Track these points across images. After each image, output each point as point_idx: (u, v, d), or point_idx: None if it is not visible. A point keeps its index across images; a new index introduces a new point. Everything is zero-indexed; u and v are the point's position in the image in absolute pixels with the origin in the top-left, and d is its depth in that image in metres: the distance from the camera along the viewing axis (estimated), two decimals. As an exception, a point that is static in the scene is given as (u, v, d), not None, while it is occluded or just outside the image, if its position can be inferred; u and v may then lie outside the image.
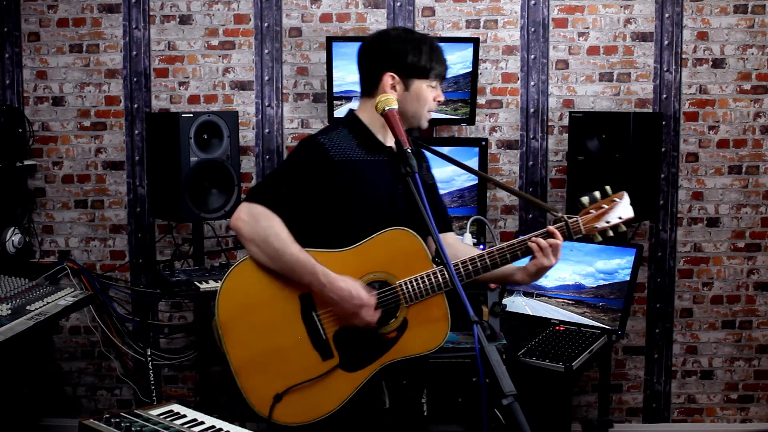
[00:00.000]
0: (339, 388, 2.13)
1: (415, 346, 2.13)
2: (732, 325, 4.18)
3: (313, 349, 2.15)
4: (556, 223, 2.19)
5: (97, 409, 4.24)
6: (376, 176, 2.20)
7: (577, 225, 2.18)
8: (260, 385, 2.15)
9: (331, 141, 2.20)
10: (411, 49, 2.23)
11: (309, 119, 4.12)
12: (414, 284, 2.11)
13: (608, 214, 2.18)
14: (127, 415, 1.84)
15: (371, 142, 2.23)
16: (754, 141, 4.11)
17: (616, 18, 4.06)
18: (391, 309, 2.13)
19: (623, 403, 4.23)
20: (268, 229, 2.12)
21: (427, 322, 2.13)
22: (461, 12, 4.06)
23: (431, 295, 2.12)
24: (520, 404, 1.54)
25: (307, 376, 2.13)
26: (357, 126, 2.25)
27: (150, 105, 4.12)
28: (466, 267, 2.14)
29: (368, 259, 2.14)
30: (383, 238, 2.13)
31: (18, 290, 3.27)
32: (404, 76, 2.22)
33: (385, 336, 2.14)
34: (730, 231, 4.14)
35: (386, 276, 2.14)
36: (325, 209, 2.19)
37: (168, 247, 4.18)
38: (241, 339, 2.17)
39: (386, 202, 2.20)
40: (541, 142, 4.11)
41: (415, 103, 2.23)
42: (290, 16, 4.08)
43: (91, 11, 4.09)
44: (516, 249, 2.15)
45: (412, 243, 2.13)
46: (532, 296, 3.62)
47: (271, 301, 2.17)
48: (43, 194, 4.17)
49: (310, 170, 2.18)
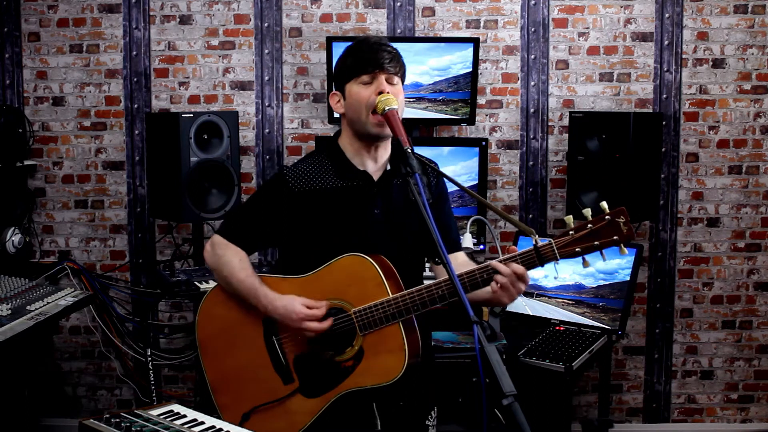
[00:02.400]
0: (300, 414, 2.12)
1: (372, 377, 2.05)
2: (732, 325, 4.18)
3: (274, 372, 2.16)
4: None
5: (97, 409, 4.24)
6: (346, 203, 2.15)
7: (549, 249, 1.94)
8: (231, 403, 2.20)
9: (295, 171, 2.18)
10: (339, 59, 2.17)
11: (309, 119, 4.12)
12: (368, 312, 2.05)
13: (597, 235, 1.91)
14: (127, 415, 1.84)
15: (345, 168, 2.17)
16: (754, 141, 4.11)
17: (616, 18, 4.05)
18: (348, 336, 2.08)
19: (623, 403, 4.23)
20: (221, 258, 2.20)
21: (383, 352, 2.04)
22: (461, 12, 4.06)
23: (385, 325, 2.03)
24: (520, 404, 1.53)
25: (270, 398, 2.15)
26: (334, 152, 2.20)
27: (150, 105, 4.12)
28: (422, 296, 2.01)
29: (324, 285, 2.11)
30: (339, 264, 2.09)
31: (18, 290, 3.27)
32: (339, 88, 2.16)
33: (342, 364, 2.09)
34: (730, 231, 4.14)
35: (342, 303, 2.09)
36: (291, 238, 2.20)
37: (168, 247, 4.18)
38: (216, 358, 2.24)
39: (358, 229, 2.14)
40: (541, 142, 4.11)
41: (352, 109, 2.12)
42: (290, 16, 4.08)
43: (91, 11, 4.09)
44: (475, 277, 1.98)
45: (368, 270, 2.05)
46: (532, 296, 3.62)
47: (241, 323, 2.21)
48: (43, 194, 4.17)
49: (269, 203, 2.20)
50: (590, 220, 1.91)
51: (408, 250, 2.18)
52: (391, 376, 2.02)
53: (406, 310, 2.02)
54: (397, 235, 2.16)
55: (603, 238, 1.89)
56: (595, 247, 1.91)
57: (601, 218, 1.90)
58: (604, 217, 1.90)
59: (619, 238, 1.89)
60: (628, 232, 1.88)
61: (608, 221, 1.89)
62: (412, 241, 2.18)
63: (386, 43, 2.13)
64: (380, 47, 2.09)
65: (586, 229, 1.91)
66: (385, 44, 2.12)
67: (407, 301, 2.01)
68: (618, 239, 1.89)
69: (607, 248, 1.91)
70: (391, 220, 2.16)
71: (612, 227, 1.89)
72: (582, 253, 1.92)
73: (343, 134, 2.21)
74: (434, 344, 3.28)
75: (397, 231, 2.16)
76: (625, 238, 1.89)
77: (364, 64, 2.09)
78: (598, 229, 1.90)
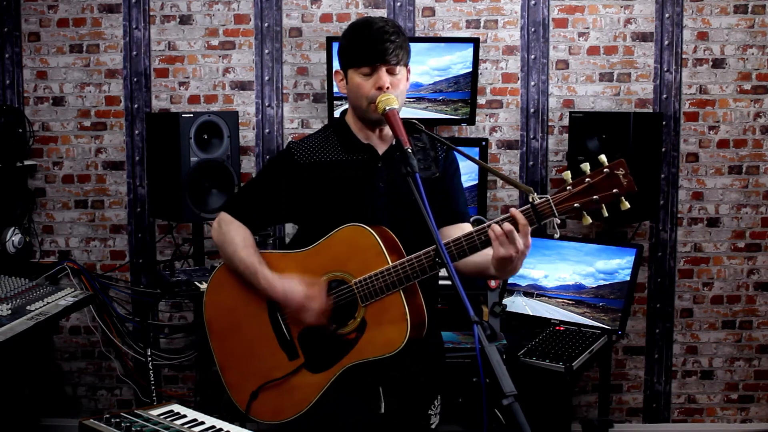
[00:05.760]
0: (307, 389, 2.13)
1: (375, 349, 2.04)
2: (732, 325, 4.18)
3: (280, 349, 2.17)
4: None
5: (97, 409, 4.24)
6: (350, 175, 2.16)
7: (546, 205, 1.86)
8: (239, 381, 2.22)
9: (301, 145, 2.20)
10: (343, 38, 2.16)
11: (309, 119, 4.12)
12: (368, 282, 2.03)
13: (595, 188, 1.83)
14: (127, 415, 1.84)
15: (350, 142, 2.19)
16: (754, 141, 4.11)
17: (616, 18, 4.05)
18: (350, 309, 2.08)
19: (623, 403, 4.22)
20: (225, 235, 2.21)
21: (385, 323, 2.03)
22: (461, 12, 4.06)
23: (387, 294, 2.01)
24: (520, 404, 1.53)
25: (277, 375, 2.15)
26: (340, 127, 2.23)
27: (150, 105, 4.12)
28: (421, 262, 1.97)
29: (325, 258, 2.11)
30: (339, 235, 2.08)
31: (18, 290, 3.27)
32: (343, 69, 2.16)
33: (344, 337, 2.09)
34: (731, 231, 4.14)
35: (343, 275, 2.09)
36: (297, 211, 2.22)
37: (168, 247, 4.18)
38: (223, 337, 2.25)
39: (361, 202, 2.15)
40: (541, 142, 4.11)
41: (354, 96, 2.13)
42: (290, 16, 4.08)
43: (91, 11, 4.09)
44: (473, 239, 1.95)
45: (367, 239, 2.03)
46: (532, 296, 3.62)
47: (246, 302, 2.21)
48: (43, 194, 4.17)
49: (276, 176, 2.21)
50: (588, 174, 1.84)
51: (411, 223, 2.14)
52: (394, 347, 2.00)
53: (406, 277, 2.00)
54: (400, 207, 2.14)
55: (602, 191, 1.82)
56: (595, 202, 1.83)
57: (600, 171, 1.83)
58: (602, 170, 1.82)
59: (618, 191, 1.82)
60: (629, 184, 1.81)
61: (606, 174, 1.82)
62: (415, 214, 2.16)
63: (389, 29, 2.07)
64: (383, 36, 2.05)
65: (584, 183, 1.83)
66: (388, 31, 2.06)
67: (406, 268, 1.99)
68: (618, 192, 1.82)
69: (608, 202, 1.82)
70: (395, 192, 2.15)
71: (611, 180, 1.82)
72: (581, 208, 1.84)
73: (348, 111, 2.24)
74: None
75: (401, 204, 2.14)
76: (626, 191, 1.82)
77: (365, 56, 2.06)
78: (596, 182, 1.82)
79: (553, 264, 3.59)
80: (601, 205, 1.84)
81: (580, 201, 1.84)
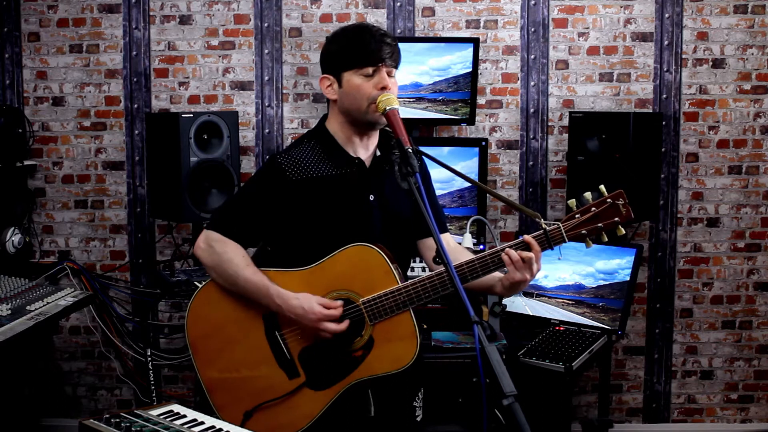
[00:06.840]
0: (307, 407, 2.12)
1: (383, 365, 2.06)
2: (732, 325, 4.18)
3: (278, 368, 2.15)
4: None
5: (97, 409, 4.24)
6: (342, 191, 2.14)
7: (557, 233, 2.02)
8: (230, 402, 2.17)
9: (290, 159, 2.15)
10: (334, 43, 2.14)
11: (309, 119, 4.12)
12: (377, 302, 2.05)
13: (599, 217, 2.02)
14: (127, 415, 1.84)
15: (338, 155, 2.16)
16: (754, 141, 4.11)
17: (616, 18, 4.06)
18: (357, 327, 2.08)
19: (623, 403, 4.23)
20: (222, 255, 2.15)
21: (394, 340, 2.05)
22: (461, 12, 4.06)
23: (396, 313, 2.04)
24: (520, 404, 1.53)
25: (274, 395, 2.13)
26: (324, 138, 2.18)
27: (150, 105, 4.12)
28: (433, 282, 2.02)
29: (330, 276, 2.10)
30: (345, 254, 2.08)
31: (18, 290, 3.27)
32: (334, 73, 2.13)
33: (351, 354, 2.09)
34: (730, 231, 4.14)
35: (349, 294, 2.09)
36: (289, 229, 2.17)
37: (168, 247, 4.18)
38: (210, 358, 2.20)
39: (356, 216, 2.14)
40: (541, 142, 4.11)
41: (351, 98, 2.10)
42: (290, 16, 4.08)
43: (91, 11, 4.09)
44: (487, 261, 2.02)
45: (375, 258, 2.05)
46: (532, 296, 3.62)
47: (237, 321, 2.18)
48: (43, 194, 4.17)
49: (266, 194, 2.16)
50: (593, 203, 2.03)
51: (400, 235, 2.19)
52: (404, 363, 2.04)
53: (417, 297, 2.03)
54: (390, 220, 2.17)
55: (605, 219, 2.02)
56: (599, 229, 2.03)
57: (603, 201, 2.03)
58: (605, 200, 2.03)
59: (619, 219, 2.02)
60: (627, 213, 2.02)
61: (610, 204, 2.02)
62: (404, 226, 2.19)
63: (387, 33, 2.12)
64: (383, 39, 2.08)
65: (591, 212, 2.02)
66: (387, 35, 2.11)
67: (418, 290, 2.02)
68: (618, 220, 2.02)
69: (609, 229, 2.03)
70: (385, 205, 2.16)
71: (613, 209, 2.02)
72: (588, 235, 2.03)
73: (331, 119, 2.19)
74: (434, 344, 3.29)
75: (390, 216, 2.16)
76: (625, 219, 2.03)
77: (368, 57, 2.07)
78: (600, 212, 2.02)
79: (553, 264, 3.59)
80: (602, 232, 2.05)
81: (587, 228, 2.03)
